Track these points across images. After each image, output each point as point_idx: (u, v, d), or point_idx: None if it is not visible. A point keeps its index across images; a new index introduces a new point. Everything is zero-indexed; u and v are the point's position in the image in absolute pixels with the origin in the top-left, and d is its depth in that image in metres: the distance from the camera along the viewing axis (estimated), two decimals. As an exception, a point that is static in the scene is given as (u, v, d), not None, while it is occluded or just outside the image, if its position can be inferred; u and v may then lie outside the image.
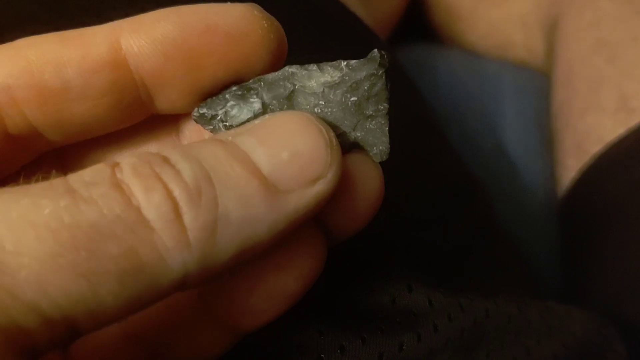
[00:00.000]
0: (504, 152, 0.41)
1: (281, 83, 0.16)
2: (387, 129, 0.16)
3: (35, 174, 0.16)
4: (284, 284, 0.15)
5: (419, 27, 0.51)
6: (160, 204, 0.12)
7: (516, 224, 0.37)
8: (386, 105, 0.16)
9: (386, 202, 0.17)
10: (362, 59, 0.16)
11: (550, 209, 0.39)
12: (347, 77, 0.16)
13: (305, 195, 0.13)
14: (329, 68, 0.16)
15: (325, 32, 0.30)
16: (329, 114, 0.16)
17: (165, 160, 0.13)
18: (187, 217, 0.12)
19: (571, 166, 0.36)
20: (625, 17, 0.37)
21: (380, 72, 0.16)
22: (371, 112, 0.16)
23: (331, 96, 0.16)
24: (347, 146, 0.16)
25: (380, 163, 0.17)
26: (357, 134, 0.16)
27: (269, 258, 0.15)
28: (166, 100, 0.16)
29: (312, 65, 0.16)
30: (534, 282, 0.33)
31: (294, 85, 0.16)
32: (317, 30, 0.30)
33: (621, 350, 0.25)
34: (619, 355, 0.25)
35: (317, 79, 0.16)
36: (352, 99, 0.16)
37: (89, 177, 0.12)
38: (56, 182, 0.12)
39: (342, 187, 0.15)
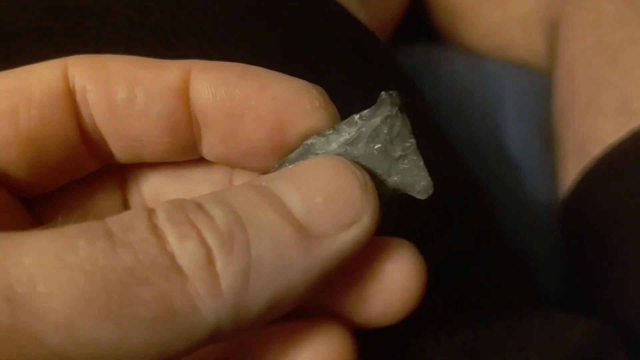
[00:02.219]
0: (506, 153, 0.41)
1: (304, 157, 0.16)
2: (422, 163, 0.15)
3: (95, 189, 0.17)
4: None
5: (420, 27, 0.51)
6: (193, 251, 0.12)
7: (517, 226, 0.37)
8: (412, 140, 0.15)
9: (385, 208, 0.17)
10: (373, 106, 0.15)
11: (551, 211, 0.39)
12: (363, 129, 0.15)
13: (339, 240, 0.13)
14: (344, 126, 0.15)
15: (327, 37, 0.30)
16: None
17: (199, 206, 0.13)
18: (220, 263, 0.12)
19: (572, 168, 0.36)
20: (626, 19, 0.37)
21: (395, 111, 0.15)
22: (400, 153, 0.15)
23: (355, 152, 0.15)
24: (388, 194, 0.16)
25: None
26: (393, 179, 0.15)
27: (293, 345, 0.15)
28: (208, 143, 0.16)
29: (328, 130, 0.15)
30: (536, 287, 0.33)
31: (316, 154, 0.15)
32: (319, 36, 0.30)
33: (622, 356, 0.25)
34: (621, 362, 0.25)
35: (336, 140, 0.15)
36: (376, 146, 0.15)
37: (127, 220, 0.12)
38: (94, 224, 0.12)
39: (375, 277, 0.15)
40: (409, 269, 0.15)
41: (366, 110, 0.15)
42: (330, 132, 0.15)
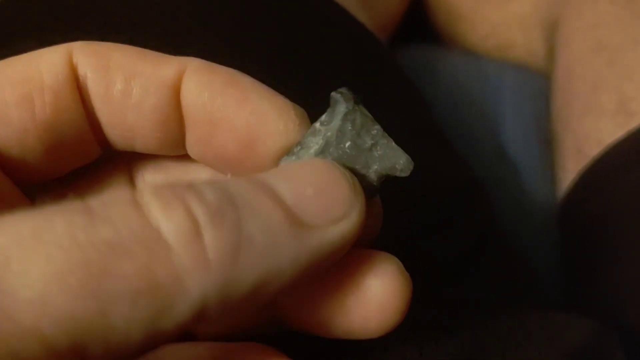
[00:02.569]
0: (505, 153, 0.41)
1: None
2: (393, 144, 0.16)
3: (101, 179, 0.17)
4: None
5: (420, 27, 0.51)
6: (179, 221, 0.12)
7: (516, 227, 0.37)
8: (377, 127, 0.16)
9: (385, 209, 0.17)
10: (329, 109, 0.16)
11: (550, 211, 0.39)
12: (328, 134, 0.15)
13: (329, 232, 0.13)
14: (310, 138, 0.16)
15: (326, 38, 0.30)
16: None
17: (190, 185, 0.13)
18: (208, 236, 0.12)
19: (571, 169, 0.36)
20: (625, 20, 0.37)
21: (351, 106, 0.15)
22: (370, 142, 0.16)
23: (329, 157, 0.15)
24: (375, 185, 0.16)
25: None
26: (374, 168, 0.16)
27: None
28: (189, 142, 0.16)
29: (295, 147, 0.16)
30: (534, 287, 0.33)
31: None
32: (318, 37, 0.30)
33: (621, 356, 0.25)
34: (618, 362, 0.25)
35: (307, 154, 0.15)
36: (347, 145, 0.15)
37: (108, 198, 0.12)
38: (73, 202, 0.12)
39: (357, 289, 0.15)
40: (391, 285, 0.15)
41: (324, 115, 0.16)
42: (299, 148, 0.16)
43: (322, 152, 0.15)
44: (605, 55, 0.37)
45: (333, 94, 0.16)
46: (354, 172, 0.15)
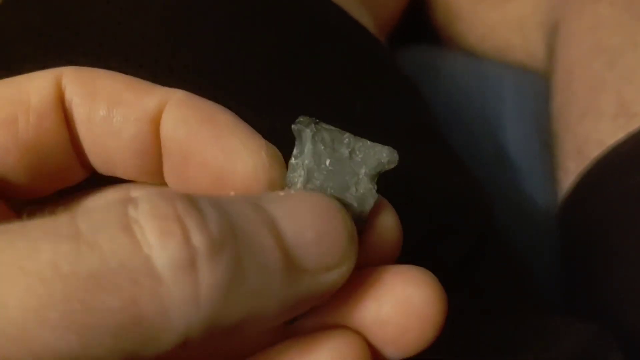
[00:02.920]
0: (505, 155, 0.41)
1: None
2: (369, 142, 0.16)
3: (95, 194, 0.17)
4: None
5: (418, 28, 0.51)
6: (175, 251, 0.11)
7: (516, 228, 0.37)
8: (346, 134, 0.16)
9: None
10: (296, 141, 0.16)
11: (550, 212, 0.39)
12: (306, 161, 0.16)
13: (319, 279, 0.13)
14: (292, 175, 0.16)
15: (326, 39, 0.30)
16: (332, 189, 0.16)
17: (192, 201, 0.12)
18: (204, 271, 0.11)
19: (571, 170, 0.36)
20: (624, 23, 0.37)
21: (314, 128, 0.16)
22: (347, 151, 0.16)
23: (318, 183, 0.16)
24: (372, 185, 0.16)
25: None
26: (362, 172, 0.16)
27: None
28: (165, 172, 0.17)
29: (281, 192, 0.16)
30: (534, 288, 0.33)
31: None
32: (318, 38, 0.30)
33: (618, 359, 0.25)
34: (617, 365, 0.25)
35: (296, 190, 0.16)
36: (328, 162, 0.16)
37: (99, 216, 0.11)
38: (62, 223, 0.11)
39: (395, 313, 0.14)
40: (431, 295, 0.14)
41: (294, 150, 0.16)
42: (285, 190, 0.16)
43: (308, 182, 0.15)
44: (605, 57, 0.37)
45: (293, 126, 0.16)
46: (345, 185, 0.16)
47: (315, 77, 0.28)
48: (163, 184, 0.17)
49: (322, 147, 0.16)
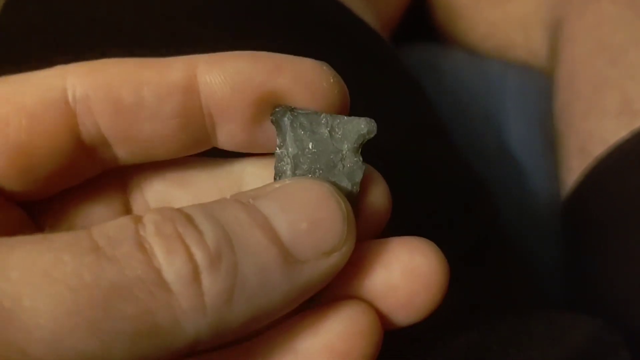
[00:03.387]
0: (508, 153, 0.41)
1: None
2: (344, 117, 0.16)
3: (98, 193, 0.17)
4: None
5: (420, 26, 0.51)
6: (181, 266, 0.12)
7: (520, 226, 0.37)
8: (322, 114, 0.16)
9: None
10: (276, 133, 0.16)
11: (553, 210, 0.39)
12: (290, 149, 0.16)
13: (319, 266, 0.14)
14: (279, 165, 0.16)
15: (331, 37, 0.30)
16: (320, 170, 0.16)
17: (189, 219, 0.13)
18: (206, 281, 0.12)
19: (574, 168, 0.36)
20: (627, 20, 0.37)
21: (290, 116, 0.16)
22: (327, 130, 0.16)
23: (305, 167, 0.16)
24: (358, 157, 0.16)
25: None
26: (346, 147, 0.16)
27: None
28: (227, 133, 0.16)
29: (275, 179, 0.16)
30: (538, 286, 0.33)
31: None
32: (323, 36, 0.30)
33: (625, 355, 0.25)
34: (623, 361, 0.25)
35: (287, 178, 0.16)
36: (310, 146, 0.16)
37: (114, 233, 0.12)
38: (81, 237, 0.12)
39: (401, 280, 0.15)
40: (435, 262, 0.15)
41: (277, 139, 0.16)
42: (277, 179, 0.16)
43: (296, 168, 0.16)
44: (608, 54, 0.37)
45: (271, 117, 0.16)
46: (332, 163, 0.16)
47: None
48: (202, 164, 0.17)
49: (302, 132, 0.16)
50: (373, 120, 0.16)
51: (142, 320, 0.12)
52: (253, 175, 0.17)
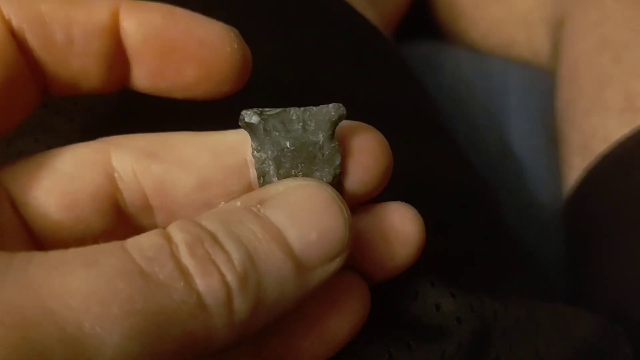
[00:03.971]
0: (510, 150, 0.41)
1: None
2: (314, 108, 0.16)
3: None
4: (336, 328, 0.17)
5: (423, 24, 0.51)
6: (216, 289, 0.13)
7: (522, 224, 0.37)
8: (291, 110, 0.16)
9: None
10: (250, 138, 0.17)
11: (556, 208, 0.39)
12: (269, 152, 0.16)
13: (325, 270, 0.15)
14: (260, 167, 0.17)
15: (333, 34, 0.30)
16: (301, 165, 0.17)
17: (214, 239, 0.14)
18: (237, 301, 0.13)
19: (577, 165, 0.36)
20: (630, 17, 0.37)
21: (259, 119, 0.16)
22: (299, 126, 0.16)
23: (288, 165, 0.17)
24: (333, 141, 0.17)
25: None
26: (321, 136, 0.16)
27: (321, 307, 0.17)
28: (137, 77, 0.17)
29: (259, 180, 0.17)
30: (541, 285, 0.33)
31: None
32: (325, 33, 0.30)
33: (629, 352, 0.25)
34: (627, 357, 0.25)
35: (272, 180, 0.17)
36: (287, 145, 0.16)
37: (152, 254, 0.13)
38: (125, 260, 0.13)
39: (382, 240, 0.17)
40: (409, 219, 0.17)
41: (252, 144, 0.17)
42: (261, 180, 0.17)
43: (279, 168, 0.16)
44: (611, 52, 0.36)
45: (240, 123, 0.16)
46: (310, 153, 0.17)
47: (318, 68, 0.28)
48: (124, 88, 0.18)
49: (277, 134, 0.16)
50: (341, 105, 0.17)
51: (185, 338, 0.13)
52: None
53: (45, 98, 0.18)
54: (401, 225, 0.17)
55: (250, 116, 0.16)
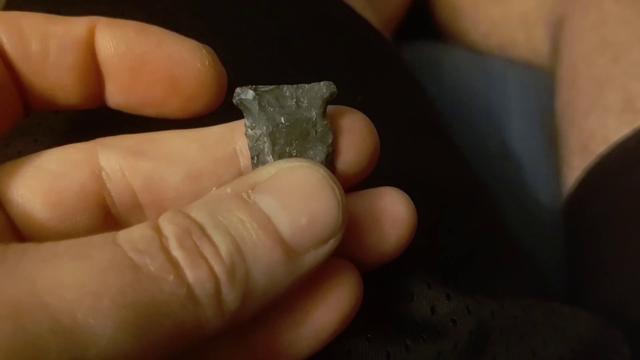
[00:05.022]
0: (509, 151, 0.41)
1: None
2: (306, 86, 0.17)
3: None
4: (325, 318, 0.17)
5: (423, 25, 0.51)
6: (206, 281, 0.13)
7: (521, 225, 0.37)
8: (284, 87, 0.17)
9: None
10: (245, 115, 0.17)
11: (555, 208, 0.39)
12: (264, 128, 0.16)
13: (318, 254, 0.15)
14: (254, 144, 0.17)
15: (332, 35, 0.30)
16: (295, 141, 0.17)
17: (202, 230, 0.14)
18: (226, 291, 0.14)
19: (576, 166, 0.36)
20: (630, 18, 0.37)
21: (254, 96, 0.16)
22: (293, 102, 0.17)
23: (282, 141, 0.17)
24: (325, 117, 0.17)
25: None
26: (313, 113, 0.17)
27: (311, 297, 0.17)
28: (110, 92, 0.18)
29: (252, 159, 0.17)
30: (539, 285, 0.33)
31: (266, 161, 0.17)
32: (325, 34, 0.30)
33: (626, 352, 0.25)
34: (624, 357, 0.25)
35: (266, 157, 0.17)
36: (282, 120, 0.17)
37: (142, 246, 0.13)
38: (116, 252, 0.13)
39: (373, 224, 0.17)
40: (401, 201, 0.17)
41: (246, 121, 0.17)
42: (255, 159, 0.17)
43: (274, 144, 0.16)
44: (610, 52, 0.36)
45: (234, 101, 0.17)
46: (304, 128, 0.17)
47: (317, 68, 0.28)
48: (101, 105, 0.18)
49: (272, 109, 0.16)
50: (332, 83, 0.17)
51: (176, 329, 0.13)
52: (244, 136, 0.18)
53: (28, 112, 0.18)
54: (392, 208, 0.17)
55: (245, 92, 0.16)
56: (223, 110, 0.18)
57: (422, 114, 0.33)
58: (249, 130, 0.17)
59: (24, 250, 0.13)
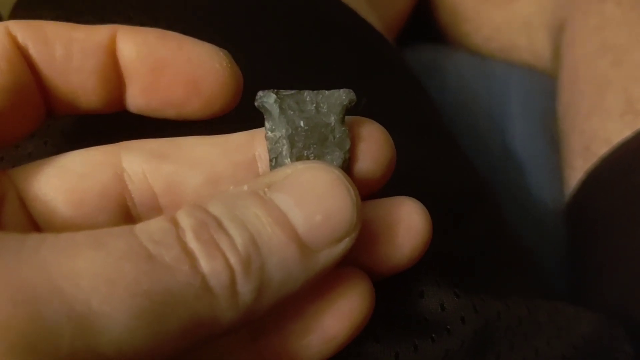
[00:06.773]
0: (512, 153, 0.41)
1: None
2: (326, 92, 0.17)
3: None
4: (337, 326, 0.17)
5: (425, 28, 0.51)
6: (220, 272, 0.14)
7: (524, 226, 0.37)
8: (305, 92, 0.17)
9: None
10: (265, 118, 0.17)
11: (557, 210, 0.39)
12: (283, 131, 0.17)
13: (332, 252, 0.15)
14: (273, 147, 0.17)
15: (336, 39, 0.30)
16: (314, 145, 0.17)
17: (219, 223, 0.14)
18: (241, 283, 0.14)
19: (578, 167, 0.37)
20: (630, 22, 0.37)
21: (275, 99, 0.17)
22: (312, 107, 0.17)
23: (300, 145, 0.17)
24: (344, 138, 0.17)
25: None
26: (332, 119, 0.17)
27: (322, 304, 0.17)
28: (131, 95, 0.18)
29: (271, 162, 0.17)
30: (543, 285, 0.33)
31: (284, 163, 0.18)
32: (328, 38, 0.30)
33: (629, 351, 0.25)
34: (628, 356, 0.25)
35: (284, 160, 0.17)
36: (301, 124, 0.17)
37: (159, 237, 0.14)
38: (133, 243, 0.13)
39: (388, 233, 0.17)
40: (416, 212, 0.17)
41: (266, 124, 0.17)
42: (273, 162, 0.17)
43: (292, 147, 0.17)
44: (612, 55, 0.37)
45: (256, 103, 0.17)
46: (323, 135, 0.17)
47: (321, 72, 0.28)
48: (121, 109, 0.19)
49: (292, 113, 0.17)
50: (352, 91, 0.17)
51: (191, 320, 0.13)
52: (263, 142, 0.18)
53: (50, 116, 0.18)
54: (408, 218, 0.17)
55: (267, 95, 0.17)
56: (239, 118, 0.18)
57: (426, 117, 0.33)
58: (269, 132, 0.17)
59: (42, 239, 0.13)
